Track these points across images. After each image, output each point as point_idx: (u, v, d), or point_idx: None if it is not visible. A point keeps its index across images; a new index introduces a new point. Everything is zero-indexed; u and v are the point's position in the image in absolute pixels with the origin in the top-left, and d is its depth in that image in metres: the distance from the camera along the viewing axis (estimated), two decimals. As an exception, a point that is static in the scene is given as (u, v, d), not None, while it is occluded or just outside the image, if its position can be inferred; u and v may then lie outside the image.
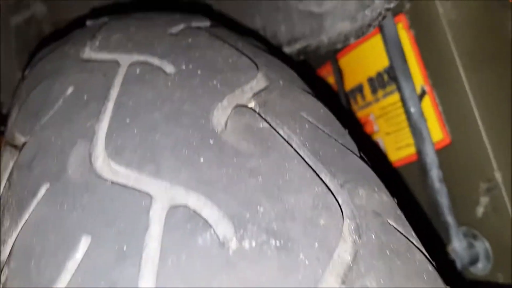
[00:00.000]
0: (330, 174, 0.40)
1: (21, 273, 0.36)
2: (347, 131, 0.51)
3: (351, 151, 0.46)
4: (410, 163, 0.99)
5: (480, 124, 0.83)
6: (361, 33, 0.61)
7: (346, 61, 1.10)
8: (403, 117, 0.97)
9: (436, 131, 0.90)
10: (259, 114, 0.44)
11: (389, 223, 0.40)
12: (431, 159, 0.87)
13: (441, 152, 0.89)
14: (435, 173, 0.87)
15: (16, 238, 0.37)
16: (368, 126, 1.14)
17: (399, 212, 0.43)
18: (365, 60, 1.04)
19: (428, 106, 0.90)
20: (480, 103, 0.82)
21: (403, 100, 0.90)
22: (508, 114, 0.83)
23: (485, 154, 0.83)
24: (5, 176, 0.44)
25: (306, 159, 0.41)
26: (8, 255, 0.37)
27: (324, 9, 0.68)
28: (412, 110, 0.88)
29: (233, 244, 0.33)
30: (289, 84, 0.52)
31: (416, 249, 0.40)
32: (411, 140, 0.96)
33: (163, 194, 0.36)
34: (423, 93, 0.90)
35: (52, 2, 1.18)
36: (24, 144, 0.44)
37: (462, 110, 0.84)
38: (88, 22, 0.67)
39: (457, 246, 0.87)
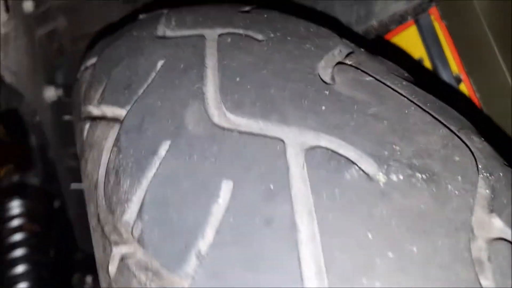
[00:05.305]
0: (445, 121, 0.40)
1: (159, 222, 0.35)
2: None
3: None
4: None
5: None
6: (420, 10, 0.61)
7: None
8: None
9: (474, 118, 0.91)
10: (361, 69, 0.44)
11: (505, 164, 0.40)
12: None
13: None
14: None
15: (145, 194, 0.36)
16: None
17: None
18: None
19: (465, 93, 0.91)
20: (519, 84, 0.84)
21: (442, 87, 0.92)
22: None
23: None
24: (108, 145, 0.43)
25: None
26: (139, 211, 0.36)
27: (374, -6, 0.69)
28: (452, 96, 0.89)
29: (381, 178, 0.33)
30: (368, 51, 0.53)
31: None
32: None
33: (294, 138, 0.36)
34: (458, 81, 0.92)
35: (73, 16, 1.19)
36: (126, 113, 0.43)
37: (501, 94, 0.86)
38: (142, 16, 0.67)
39: None
